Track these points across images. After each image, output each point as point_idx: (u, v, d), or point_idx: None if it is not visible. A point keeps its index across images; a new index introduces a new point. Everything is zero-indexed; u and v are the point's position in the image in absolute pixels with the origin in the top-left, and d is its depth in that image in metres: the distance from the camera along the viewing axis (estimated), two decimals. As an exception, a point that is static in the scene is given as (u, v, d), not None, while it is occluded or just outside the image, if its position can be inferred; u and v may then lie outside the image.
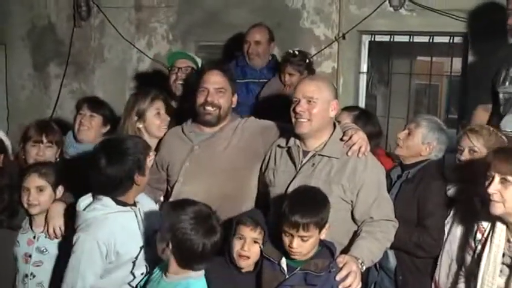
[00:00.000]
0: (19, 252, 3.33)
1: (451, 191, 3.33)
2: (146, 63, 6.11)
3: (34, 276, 3.29)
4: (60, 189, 3.40)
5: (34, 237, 3.33)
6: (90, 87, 6.32)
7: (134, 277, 3.01)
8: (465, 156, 3.28)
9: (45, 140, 3.69)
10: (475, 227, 3.02)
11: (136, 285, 3.00)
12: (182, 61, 4.32)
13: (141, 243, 2.99)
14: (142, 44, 6.12)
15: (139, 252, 2.98)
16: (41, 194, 3.33)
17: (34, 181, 3.33)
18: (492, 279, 2.85)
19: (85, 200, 3.03)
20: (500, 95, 3.98)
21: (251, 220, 2.94)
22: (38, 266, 3.29)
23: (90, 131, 3.93)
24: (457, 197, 3.31)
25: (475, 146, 3.25)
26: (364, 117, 3.82)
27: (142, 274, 3.01)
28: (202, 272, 2.78)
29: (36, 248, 3.31)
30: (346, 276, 2.76)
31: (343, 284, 2.74)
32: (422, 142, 3.49)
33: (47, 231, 3.30)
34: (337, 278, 2.74)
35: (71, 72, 6.37)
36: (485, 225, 2.98)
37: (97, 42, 6.29)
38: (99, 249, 2.85)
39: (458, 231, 3.26)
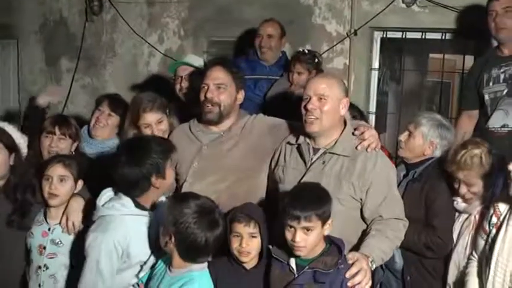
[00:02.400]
0: (33, 243, 3.34)
1: (459, 205, 3.31)
2: (157, 59, 6.12)
3: (47, 268, 3.30)
4: (80, 183, 3.40)
5: (49, 229, 3.33)
6: (101, 82, 6.35)
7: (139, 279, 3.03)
8: (462, 190, 3.24)
9: (58, 132, 3.70)
10: (491, 211, 2.99)
11: (138, 281, 3.00)
12: (183, 68, 4.29)
13: (152, 249, 2.99)
14: (154, 39, 6.13)
15: (149, 257, 2.98)
16: (62, 184, 3.33)
17: (57, 170, 3.33)
18: (507, 261, 2.83)
19: (106, 193, 3.06)
20: (486, 96, 4.05)
21: (243, 216, 2.93)
22: (51, 258, 3.30)
23: (105, 128, 3.94)
24: (466, 210, 3.29)
25: (470, 180, 3.20)
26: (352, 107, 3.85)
27: None
28: (205, 265, 2.80)
29: (50, 240, 3.31)
30: (356, 273, 2.74)
31: (352, 281, 2.72)
32: (424, 142, 3.46)
33: (66, 225, 3.30)
34: (347, 275, 2.72)
35: (83, 67, 6.39)
36: (502, 209, 2.95)
37: (109, 37, 6.31)
38: (115, 249, 2.87)
39: (465, 241, 3.24)
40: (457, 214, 3.36)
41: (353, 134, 3.15)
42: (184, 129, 3.56)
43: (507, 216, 2.90)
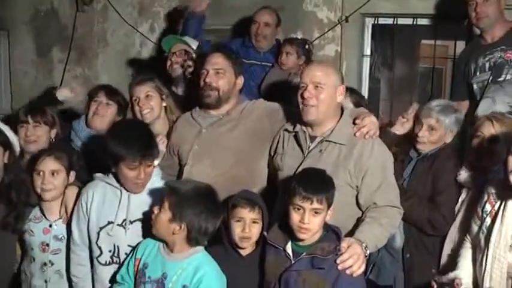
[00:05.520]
0: (34, 241, 3.31)
1: (461, 176, 3.33)
2: (149, 48, 6.10)
3: (53, 264, 3.30)
4: (72, 174, 3.38)
5: (50, 225, 3.31)
6: (93, 72, 6.32)
7: (101, 252, 3.08)
8: (484, 142, 3.26)
9: (31, 121, 3.64)
10: (485, 197, 2.99)
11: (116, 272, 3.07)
12: (177, 46, 4.35)
13: (110, 219, 3.06)
14: (145, 28, 6.09)
15: (106, 225, 3.05)
16: (55, 178, 3.30)
17: (49, 164, 3.29)
18: (504, 253, 2.82)
19: None
20: (474, 86, 4.12)
21: (247, 201, 2.96)
22: (56, 253, 3.30)
23: (105, 118, 3.83)
24: (467, 183, 3.32)
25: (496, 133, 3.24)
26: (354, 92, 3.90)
27: (110, 252, 3.07)
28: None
29: (53, 236, 3.30)
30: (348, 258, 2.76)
31: (343, 264, 2.73)
32: (446, 132, 3.51)
33: (66, 215, 3.29)
34: (338, 260, 2.74)
35: (74, 57, 6.35)
36: (497, 197, 2.94)
37: (100, 26, 6.26)
38: (81, 204, 3.14)
39: (463, 217, 3.27)
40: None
41: (354, 123, 3.16)
42: (186, 117, 3.62)
43: (502, 206, 2.88)
